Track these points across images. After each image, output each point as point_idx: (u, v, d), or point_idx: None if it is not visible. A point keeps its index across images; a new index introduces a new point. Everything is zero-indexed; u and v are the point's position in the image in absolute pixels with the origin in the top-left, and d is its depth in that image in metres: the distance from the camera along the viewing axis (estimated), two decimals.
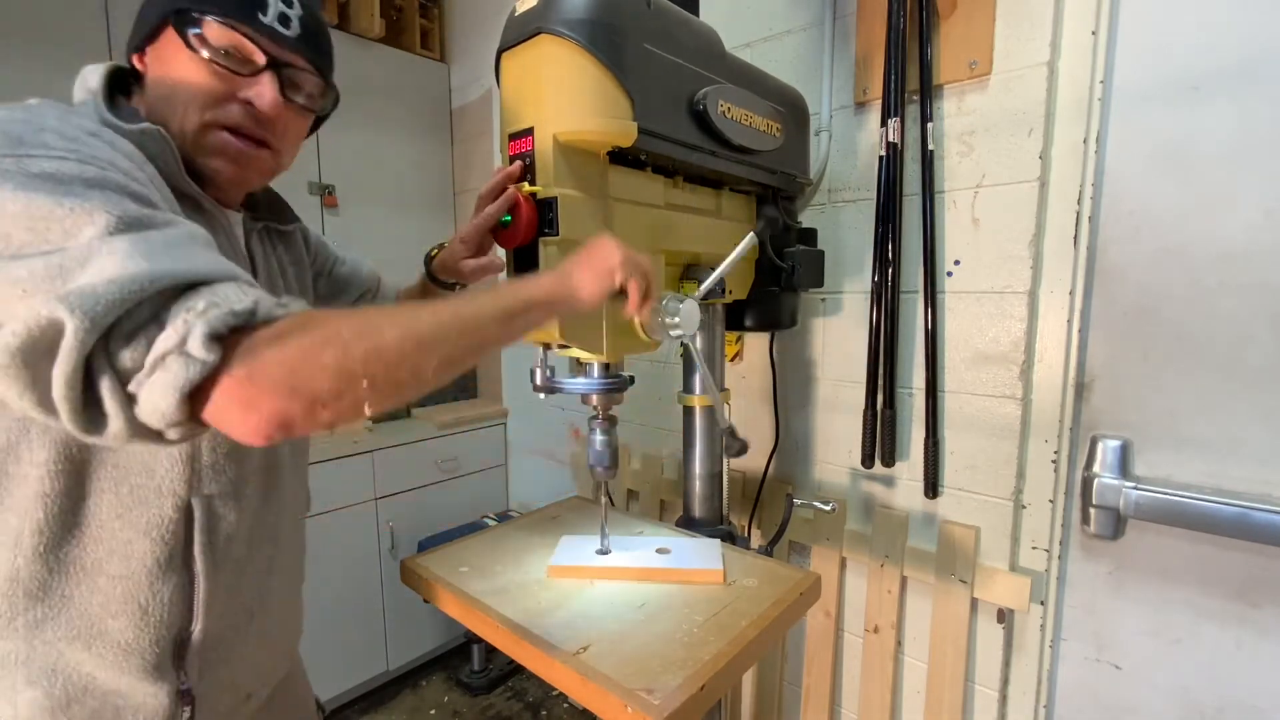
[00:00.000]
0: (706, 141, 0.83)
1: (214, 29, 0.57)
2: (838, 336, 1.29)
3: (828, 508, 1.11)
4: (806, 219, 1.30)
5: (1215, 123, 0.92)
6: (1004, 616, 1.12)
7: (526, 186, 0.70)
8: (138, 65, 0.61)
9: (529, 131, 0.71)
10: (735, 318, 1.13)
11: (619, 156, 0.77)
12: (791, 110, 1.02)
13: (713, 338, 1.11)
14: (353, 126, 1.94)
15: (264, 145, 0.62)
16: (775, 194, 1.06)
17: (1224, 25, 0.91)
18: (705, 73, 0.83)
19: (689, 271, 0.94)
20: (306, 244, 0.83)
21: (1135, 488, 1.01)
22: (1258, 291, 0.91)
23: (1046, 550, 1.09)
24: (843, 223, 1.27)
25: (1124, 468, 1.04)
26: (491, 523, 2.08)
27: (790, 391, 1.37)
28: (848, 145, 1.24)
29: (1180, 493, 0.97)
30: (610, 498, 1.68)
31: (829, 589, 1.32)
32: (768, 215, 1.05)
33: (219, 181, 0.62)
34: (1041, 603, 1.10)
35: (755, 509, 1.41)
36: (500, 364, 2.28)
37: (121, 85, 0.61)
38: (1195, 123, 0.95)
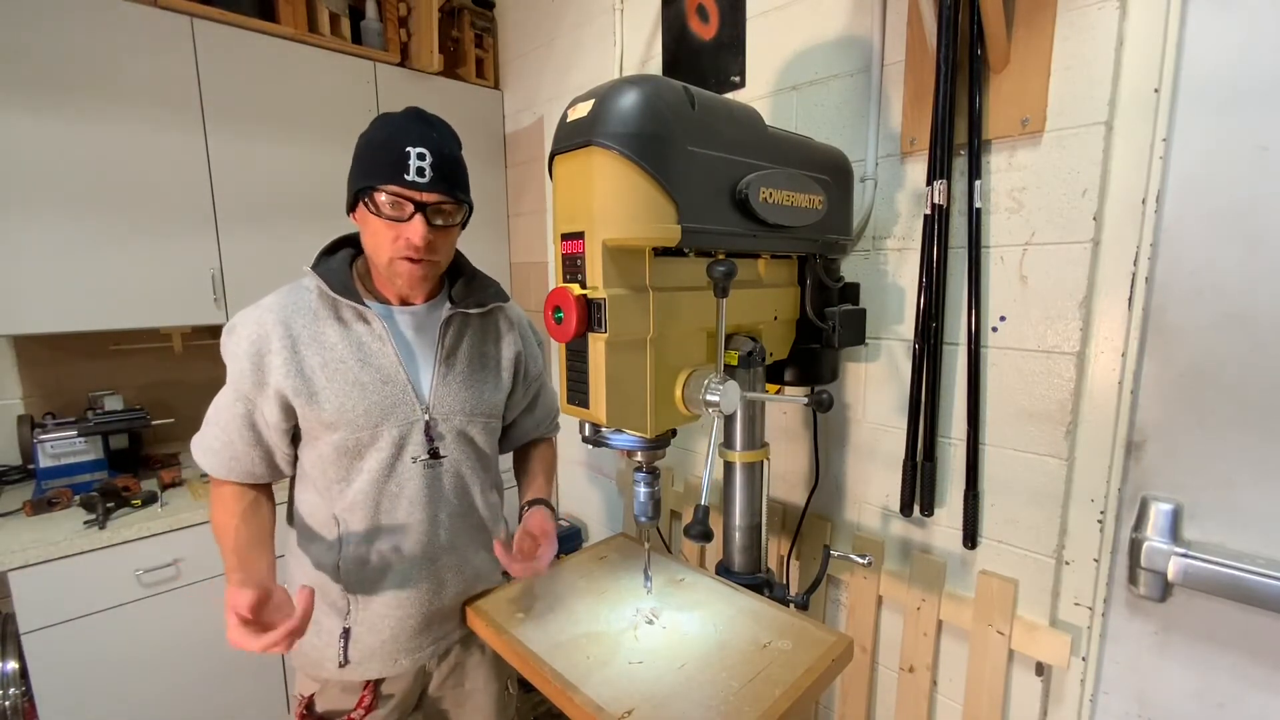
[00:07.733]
0: (749, 227, 0.87)
1: (379, 195, 0.84)
2: (878, 381, 1.31)
3: (864, 561, 1.14)
4: (850, 264, 1.30)
5: None
6: (1043, 670, 1.13)
7: (577, 289, 0.76)
8: (355, 221, 0.92)
9: (580, 235, 0.76)
10: (775, 373, 1.16)
11: (663, 249, 0.82)
12: (835, 175, 1.03)
13: (751, 401, 1.14)
14: None
15: (424, 261, 0.89)
16: (817, 254, 1.08)
17: None
18: (747, 159, 0.86)
19: (731, 342, 0.98)
20: (514, 326, 1.09)
21: (1186, 555, 1.00)
22: None
23: (1089, 608, 1.09)
24: (886, 270, 1.27)
25: (1175, 532, 1.02)
26: None
27: (830, 431, 1.40)
28: (893, 194, 1.24)
29: (1232, 564, 0.96)
30: (662, 539, 1.77)
31: (865, 625, 1.35)
32: (807, 281, 1.08)
33: (403, 288, 0.93)
34: (1083, 658, 1.10)
35: (795, 543, 1.45)
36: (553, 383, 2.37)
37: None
38: (1265, 185, 0.91)
